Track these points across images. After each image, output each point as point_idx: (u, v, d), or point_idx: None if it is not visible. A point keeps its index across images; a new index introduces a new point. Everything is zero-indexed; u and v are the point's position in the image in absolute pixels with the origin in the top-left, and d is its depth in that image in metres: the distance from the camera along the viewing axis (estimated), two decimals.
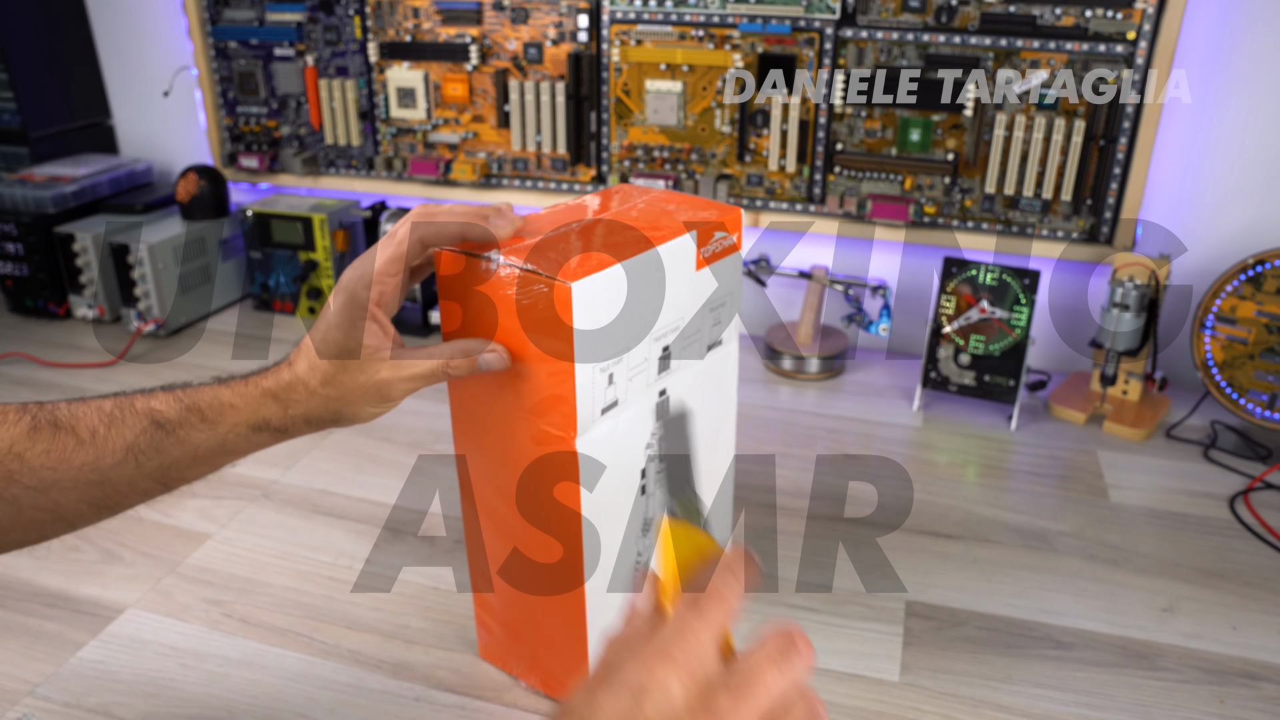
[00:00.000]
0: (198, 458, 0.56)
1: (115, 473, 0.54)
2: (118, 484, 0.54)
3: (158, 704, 0.65)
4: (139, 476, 0.54)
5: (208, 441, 0.56)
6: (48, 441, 0.52)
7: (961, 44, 1.05)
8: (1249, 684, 0.68)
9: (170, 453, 0.55)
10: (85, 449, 0.53)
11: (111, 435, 0.54)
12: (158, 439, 0.54)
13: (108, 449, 0.53)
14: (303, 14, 1.28)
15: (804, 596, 0.76)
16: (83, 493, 0.53)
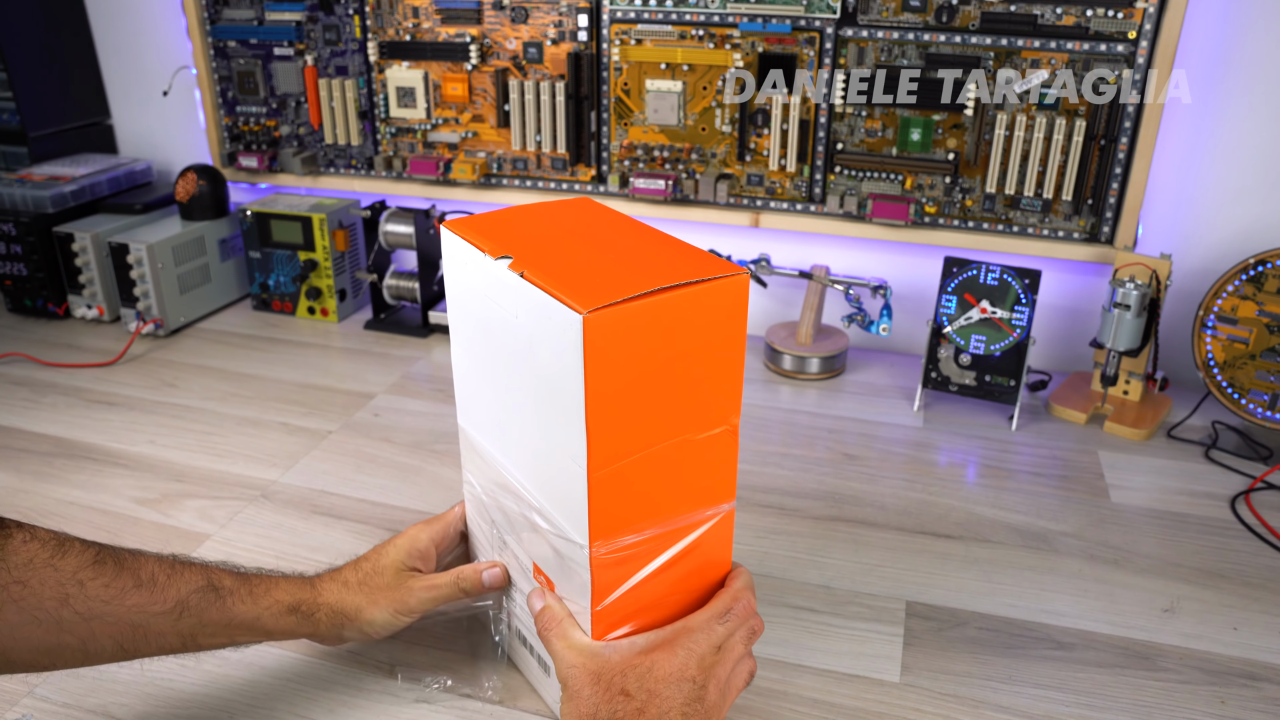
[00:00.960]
0: (229, 626, 0.59)
1: (156, 620, 0.56)
2: (149, 631, 0.56)
3: (157, 704, 0.65)
4: (171, 630, 0.57)
5: (246, 613, 0.60)
6: (110, 576, 0.55)
7: (962, 43, 1.05)
8: (1250, 684, 0.68)
9: (210, 615, 0.58)
10: (142, 591, 0.56)
11: (169, 584, 0.57)
12: (208, 600, 0.58)
13: (161, 596, 0.57)
14: (302, 13, 1.28)
15: (804, 596, 0.76)
16: (118, 630, 0.55)
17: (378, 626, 0.64)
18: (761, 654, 0.70)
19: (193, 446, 0.98)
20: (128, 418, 1.04)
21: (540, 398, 0.52)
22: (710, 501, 0.56)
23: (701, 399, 0.53)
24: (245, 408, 1.06)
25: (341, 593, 0.64)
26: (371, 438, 1.00)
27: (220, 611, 0.59)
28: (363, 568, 0.65)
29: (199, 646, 0.60)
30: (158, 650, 0.58)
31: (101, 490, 0.90)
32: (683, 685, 0.53)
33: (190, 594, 0.58)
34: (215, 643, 0.60)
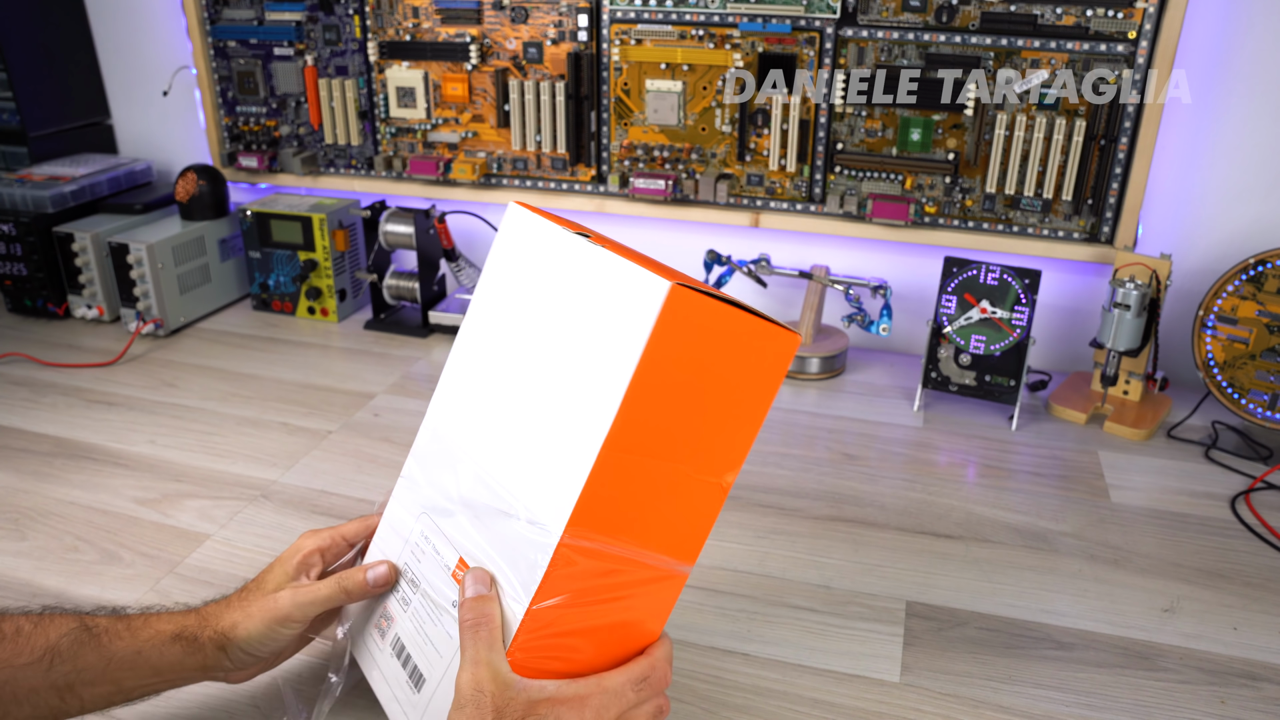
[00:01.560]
0: (109, 667, 0.55)
1: (24, 674, 0.53)
2: (19, 689, 0.53)
3: (156, 704, 0.65)
4: (44, 684, 0.53)
5: (125, 649, 0.55)
6: None
7: (962, 43, 1.05)
8: (1250, 684, 0.68)
9: (86, 659, 0.54)
10: (4, 645, 0.53)
11: (35, 634, 0.54)
12: (81, 641, 0.54)
13: (26, 647, 0.53)
14: (302, 13, 1.28)
15: (804, 596, 0.76)
16: None
17: (254, 641, 0.58)
18: (761, 654, 0.70)
19: (193, 446, 0.98)
20: (128, 418, 1.04)
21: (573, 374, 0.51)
22: (678, 553, 0.54)
23: (718, 439, 0.52)
24: (245, 408, 1.06)
25: (222, 612, 0.59)
26: (371, 438, 1.00)
27: (96, 653, 0.54)
28: (248, 586, 0.61)
29: (81, 703, 0.55)
30: (33, 713, 0.53)
31: (101, 490, 0.90)
32: None
33: (60, 639, 0.53)
34: (98, 693, 0.55)
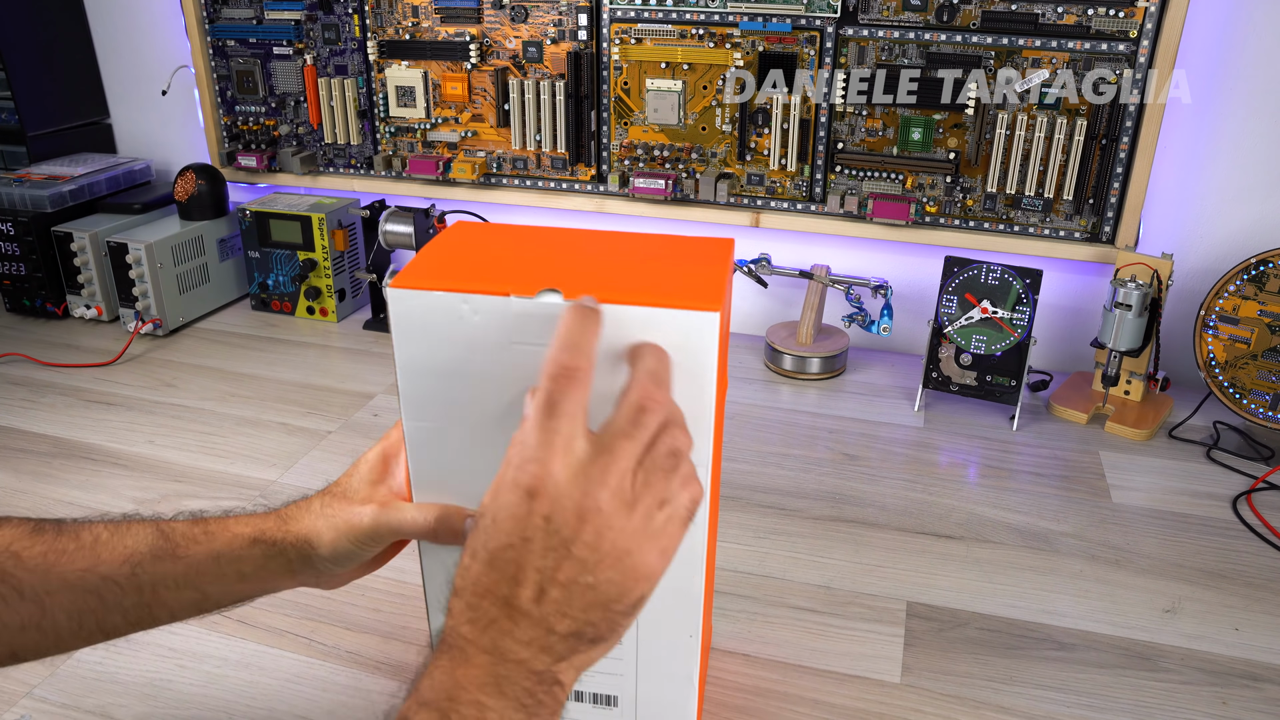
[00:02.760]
0: (189, 574, 0.54)
1: (108, 586, 0.52)
2: (105, 598, 0.52)
3: (155, 705, 0.65)
4: (129, 591, 0.52)
5: (202, 554, 0.54)
6: (48, 543, 0.51)
7: (963, 43, 1.05)
8: (1251, 685, 0.68)
9: (165, 566, 0.53)
10: (85, 554, 0.52)
11: (114, 542, 0.53)
12: (159, 548, 0.53)
13: (107, 556, 0.52)
14: (301, 12, 1.28)
15: (804, 597, 0.76)
16: (69, 601, 0.51)
17: (337, 556, 0.54)
18: (761, 654, 0.70)
19: (192, 446, 0.98)
20: (127, 418, 1.04)
21: None
22: None
23: None
24: (244, 408, 1.06)
25: (302, 516, 0.55)
26: (371, 438, 0.99)
27: (175, 560, 0.53)
28: (330, 488, 0.56)
29: (170, 610, 0.54)
30: (123, 620, 0.53)
31: (100, 490, 0.90)
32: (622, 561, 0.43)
33: (139, 547, 0.52)
34: (185, 600, 0.54)
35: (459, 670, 0.42)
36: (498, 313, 0.48)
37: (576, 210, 1.26)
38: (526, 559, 0.41)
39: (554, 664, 0.43)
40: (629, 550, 0.42)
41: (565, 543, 0.41)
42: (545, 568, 0.41)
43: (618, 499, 0.42)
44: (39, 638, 0.51)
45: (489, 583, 0.42)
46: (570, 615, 0.42)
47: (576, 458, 0.42)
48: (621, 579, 0.42)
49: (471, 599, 0.43)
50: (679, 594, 0.55)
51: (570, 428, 0.42)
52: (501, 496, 0.42)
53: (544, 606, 0.42)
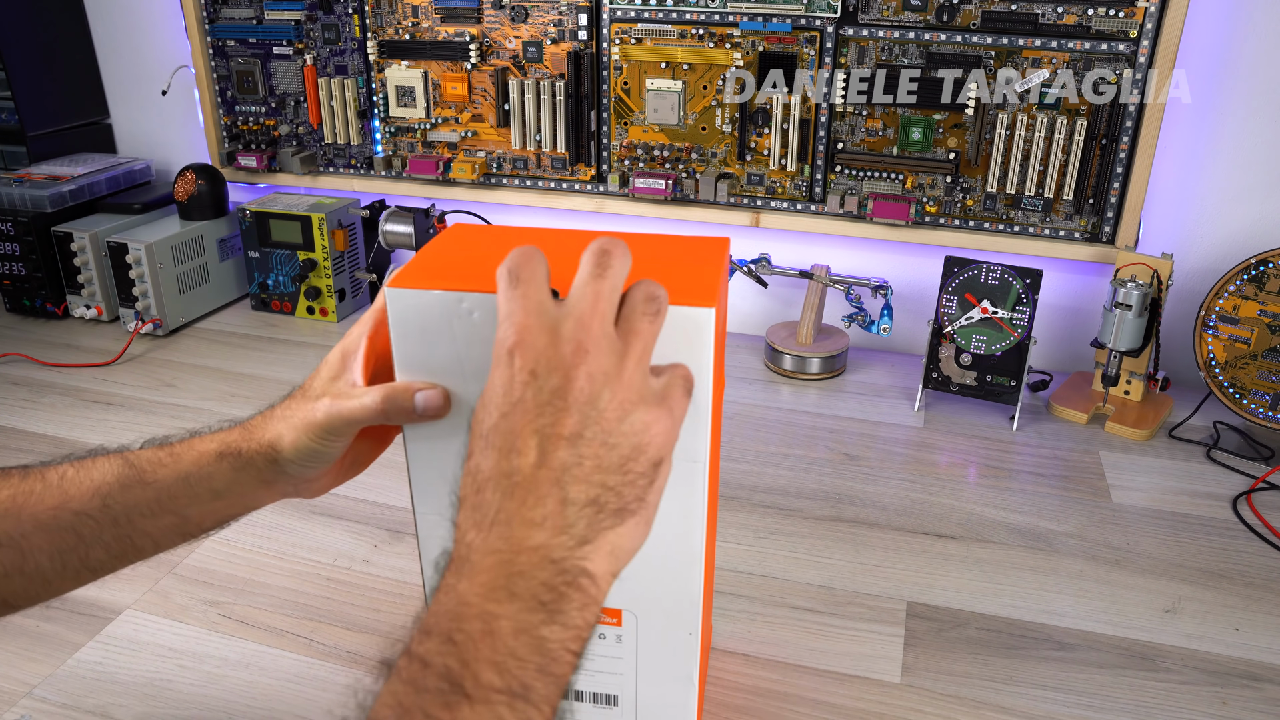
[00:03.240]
0: (162, 498, 0.52)
1: (82, 522, 0.51)
2: (82, 534, 0.51)
3: (155, 705, 0.65)
4: (105, 525, 0.51)
5: (170, 476, 0.52)
6: (14, 486, 0.50)
7: (963, 43, 1.05)
8: (1251, 685, 0.68)
9: (136, 494, 0.52)
10: (52, 492, 0.51)
11: (80, 477, 0.52)
12: (126, 477, 0.52)
13: (75, 491, 0.51)
14: (301, 12, 1.28)
15: (804, 596, 0.76)
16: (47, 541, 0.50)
17: (302, 456, 0.52)
18: (761, 654, 0.70)
19: None
20: (126, 418, 1.04)
21: None
22: None
23: None
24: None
25: (267, 424, 0.53)
26: None
27: (145, 487, 0.51)
28: (295, 391, 0.54)
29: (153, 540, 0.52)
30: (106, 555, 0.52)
31: None
32: None
33: (106, 479, 0.51)
34: (164, 526, 0.52)
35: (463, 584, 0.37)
36: (495, 311, 0.48)
37: (576, 210, 1.26)
38: (521, 421, 0.38)
39: (577, 547, 0.38)
40: (630, 399, 0.40)
41: (558, 392, 0.39)
42: (544, 425, 0.38)
43: (603, 342, 0.40)
44: (25, 583, 0.50)
45: (489, 468, 0.39)
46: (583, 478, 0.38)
47: (550, 310, 0.40)
48: (631, 430, 0.40)
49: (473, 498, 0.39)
50: (679, 593, 0.55)
51: (537, 290, 0.41)
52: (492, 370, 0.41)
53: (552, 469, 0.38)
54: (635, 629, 0.57)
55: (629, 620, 0.56)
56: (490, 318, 0.48)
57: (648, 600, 0.55)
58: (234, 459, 0.52)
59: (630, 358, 0.41)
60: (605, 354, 0.40)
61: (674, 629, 0.56)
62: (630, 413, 0.40)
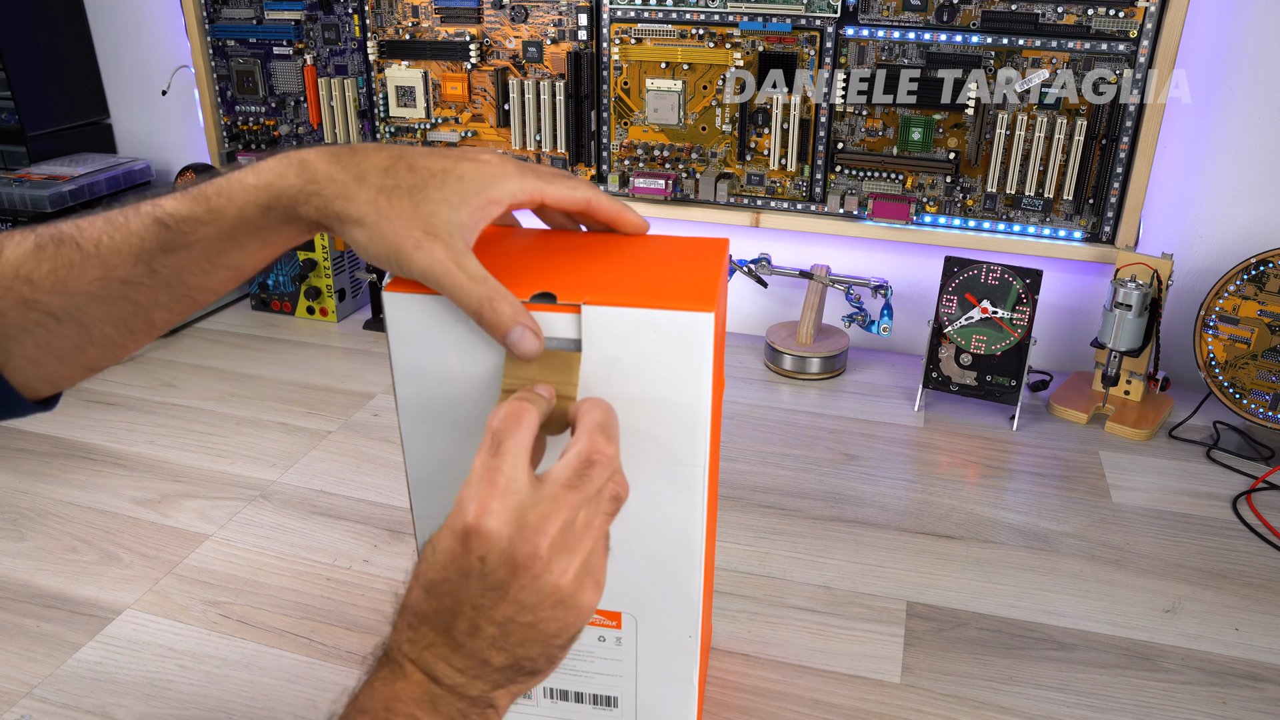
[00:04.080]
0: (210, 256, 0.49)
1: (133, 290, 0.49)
2: (139, 301, 0.49)
3: (156, 705, 0.65)
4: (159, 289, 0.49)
5: (215, 235, 0.48)
6: (52, 259, 0.49)
7: (963, 43, 1.05)
8: (1251, 685, 0.68)
9: (181, 258, 0.49)
10: (92, 262, 0.49)
11: (117, 243, 0.49)
12: (166, 241, 0.49)
13: (116, 259, 0.49)
14: (301, 12, 1.28)
15: (804, 596, 0.76)
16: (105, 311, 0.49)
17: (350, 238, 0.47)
18: (761, 654, 0.70)
19: (192, 446, 0.98)
20: (127, 418, 1.04)
21: None
22: None
23: None
24: (244, 408, 1.06)
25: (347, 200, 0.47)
26: (371, 438, 1.00)
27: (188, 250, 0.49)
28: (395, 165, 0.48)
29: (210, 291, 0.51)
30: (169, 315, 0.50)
31: (100, 490, 0.90)
32: None
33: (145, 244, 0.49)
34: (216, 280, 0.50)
35: (398, 684, 0.43)
36: None
37: None
38: (464, 595, 0.42)
39: (489, 691, 0.44)
40: (570, 592, 0.43)
41: (501, 584, 0.42)
42: (482, 606, 0.42)
43: (557, 546, 0.42)
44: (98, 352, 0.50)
45: (427, 609, 0.43)
46: (506, 650, 0.43)
47: (517, 500, 0.42)
48: (561, 617, 0.43)
49: (412, 619, 0.44)
50: (679, 595, 0.55)
51: (512, 468, 0.42)
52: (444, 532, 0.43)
53: (479, 640, 0.43)
54: (635, 631, 0.57)
55: (628, 623, 0.56)
56: None
57: (647, 603, 0.55)
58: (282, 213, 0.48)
59: (579, 554, 0.43)
60: (557, 557, 0.42)
61: (674, 631, 0.56)
62: (566, 601, 0.43)
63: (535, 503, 0.42)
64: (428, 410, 0.51)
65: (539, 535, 0.41)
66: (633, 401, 0.49)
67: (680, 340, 0.47)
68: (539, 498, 0.42)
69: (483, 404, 0.50)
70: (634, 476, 0.49)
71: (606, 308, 0.47)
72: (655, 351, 0.48)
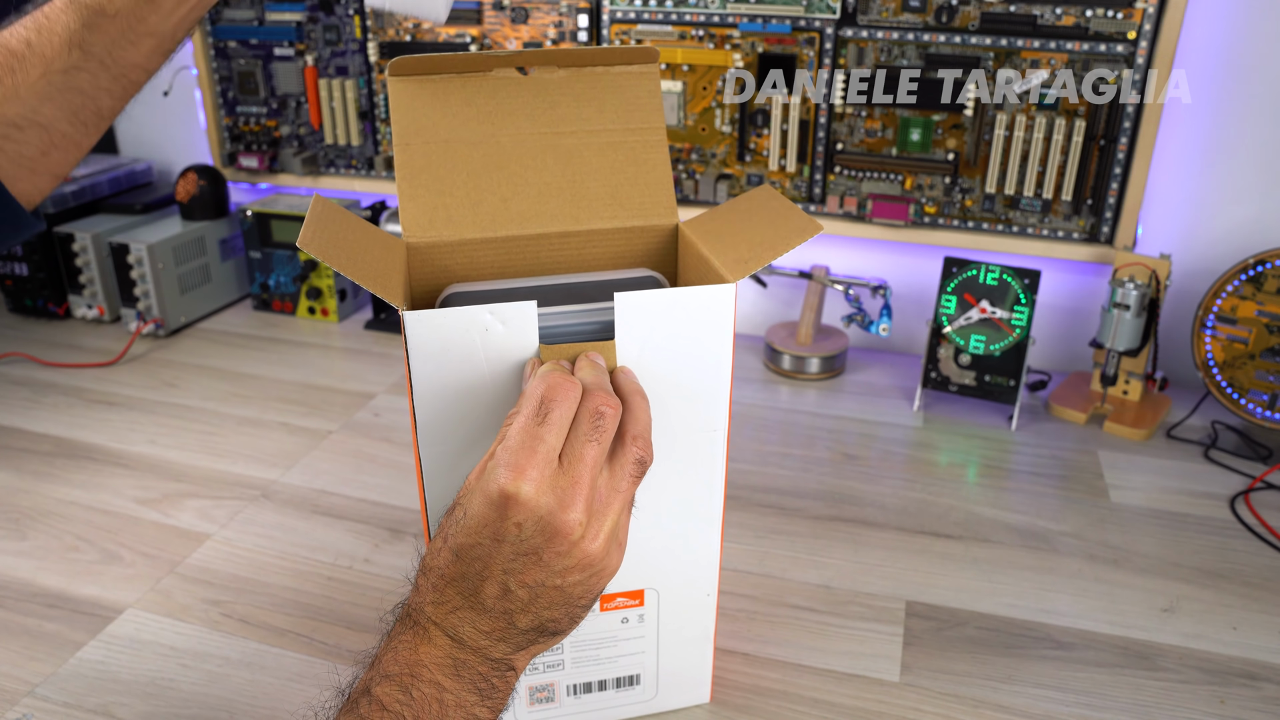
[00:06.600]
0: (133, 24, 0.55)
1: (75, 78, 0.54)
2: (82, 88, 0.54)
3: (157, 704, 0.65)
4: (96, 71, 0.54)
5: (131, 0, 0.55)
6: None
7: (962, 44, 1.05)
8: (1249, 684, 0.68)
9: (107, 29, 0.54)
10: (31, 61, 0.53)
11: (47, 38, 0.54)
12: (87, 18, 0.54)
13: (51, 50, 0.53)
14: (302, 14, 1.28)
15: (804, 596, 0.76)
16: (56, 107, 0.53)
17: None
18: (761, 654, 0.70)
19: (193, 446, 0.98)
20: (128, 418, 1.04)
21: None
22: None
23: None
24: (245, 408, 1.06)
25: None
26: (371, 438, 1.00)
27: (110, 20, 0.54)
28: None
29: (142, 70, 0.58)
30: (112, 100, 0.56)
31: (102, 490, 0.90)
32: None
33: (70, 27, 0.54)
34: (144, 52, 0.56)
35: (422, 648, 0.44)
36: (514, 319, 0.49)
37: None
38: (495, 559, 0.43)
39: (511, 653, 0.45)
40: (597, 557, 0.44)
41: (536, 550, 0.42)
42: (513, 569, 0.43)
43: (589, 510, 0.43)
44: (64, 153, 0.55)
45: (455, 573, 0.44)
46: (533, 612, 0.44)
47: (553, 469, 0.43)
48: (588, 579, 0.44)
49: (438, 581, 0.44)
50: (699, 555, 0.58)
51: (554, 439, 0.43)
52: (476, 495, 0.43)
53: (508, 603, 0.44)
54: (657, 603, 0.59)
55: (651, 597, 0.58)
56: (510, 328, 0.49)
57: (669, 571, 0.58)
58: None
59: (608, 517, 0.44)
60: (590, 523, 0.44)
61: (693, 592, 0.59)
62: (595, 563, 0.44)
63: (567, 467, 0.43)
64: (448, 429, 0.51)
65: (576, 501, 0.43)
66: (661, 375, 0.51)
67: (704, 313, 0.50)
68: (570, 461, 0.43)
69: None
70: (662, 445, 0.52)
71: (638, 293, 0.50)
72: (682, 328, 0.51)
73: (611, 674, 0.61)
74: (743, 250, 0.52)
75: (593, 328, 0.52)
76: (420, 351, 0.49)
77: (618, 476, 0.45)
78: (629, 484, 0.46)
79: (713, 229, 0.58)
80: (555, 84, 0.58)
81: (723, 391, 0.53)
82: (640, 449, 0.46)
